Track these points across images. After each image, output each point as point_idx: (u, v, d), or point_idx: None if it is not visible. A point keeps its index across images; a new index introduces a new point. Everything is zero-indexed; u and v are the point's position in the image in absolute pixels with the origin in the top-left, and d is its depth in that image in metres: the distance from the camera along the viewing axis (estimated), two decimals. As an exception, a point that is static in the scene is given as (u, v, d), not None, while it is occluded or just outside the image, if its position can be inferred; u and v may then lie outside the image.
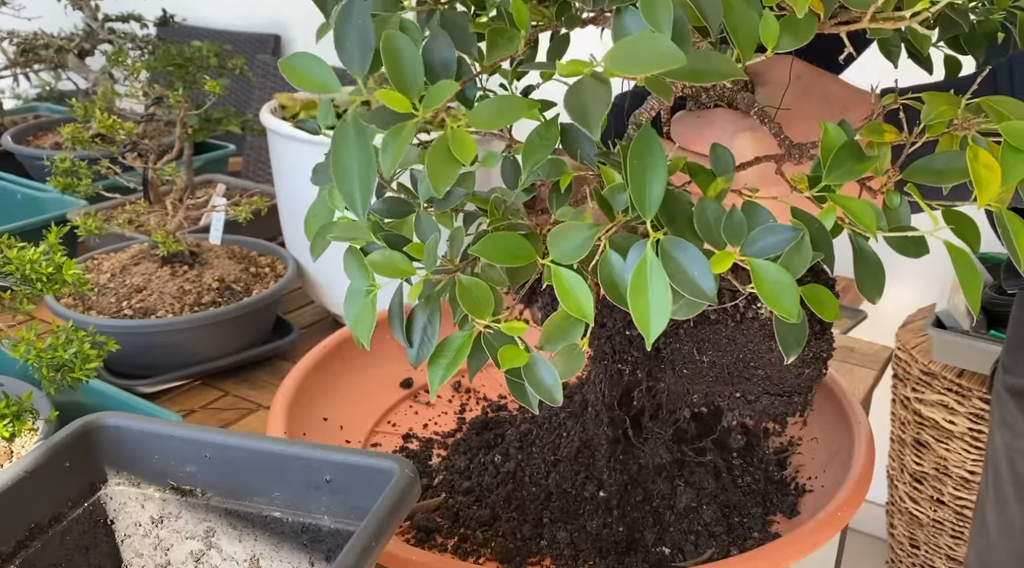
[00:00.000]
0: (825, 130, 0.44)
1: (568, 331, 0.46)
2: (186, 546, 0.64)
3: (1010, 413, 0.97)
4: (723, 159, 0.48)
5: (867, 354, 1.16)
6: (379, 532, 0.52)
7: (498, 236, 0.45)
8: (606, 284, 0.43)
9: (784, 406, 0.70)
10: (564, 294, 0.43)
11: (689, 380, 0.70)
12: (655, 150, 0.41)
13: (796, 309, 0.40)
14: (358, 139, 0.41)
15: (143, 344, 1.04)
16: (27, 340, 0.75)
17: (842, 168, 0.43)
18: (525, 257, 0.44)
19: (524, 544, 0.73)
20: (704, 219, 0.42)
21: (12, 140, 1.72)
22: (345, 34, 0.42)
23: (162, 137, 1.62)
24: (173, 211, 1.14)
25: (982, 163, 0.41)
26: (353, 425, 0.90)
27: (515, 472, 0.79)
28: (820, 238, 0.44)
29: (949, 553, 1.94)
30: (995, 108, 0.43)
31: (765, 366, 0.68)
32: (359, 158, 0.41)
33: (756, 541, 0.74)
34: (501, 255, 0.44)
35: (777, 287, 0.40)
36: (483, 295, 0.46)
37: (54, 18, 1.90)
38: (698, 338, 0.68)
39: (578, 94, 0.38)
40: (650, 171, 0.41)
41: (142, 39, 1.74)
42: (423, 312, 0.50)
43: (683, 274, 0.40)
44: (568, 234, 0.43)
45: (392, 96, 0.40)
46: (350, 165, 0.41)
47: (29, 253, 0.75)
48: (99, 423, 0.64)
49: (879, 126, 0.46)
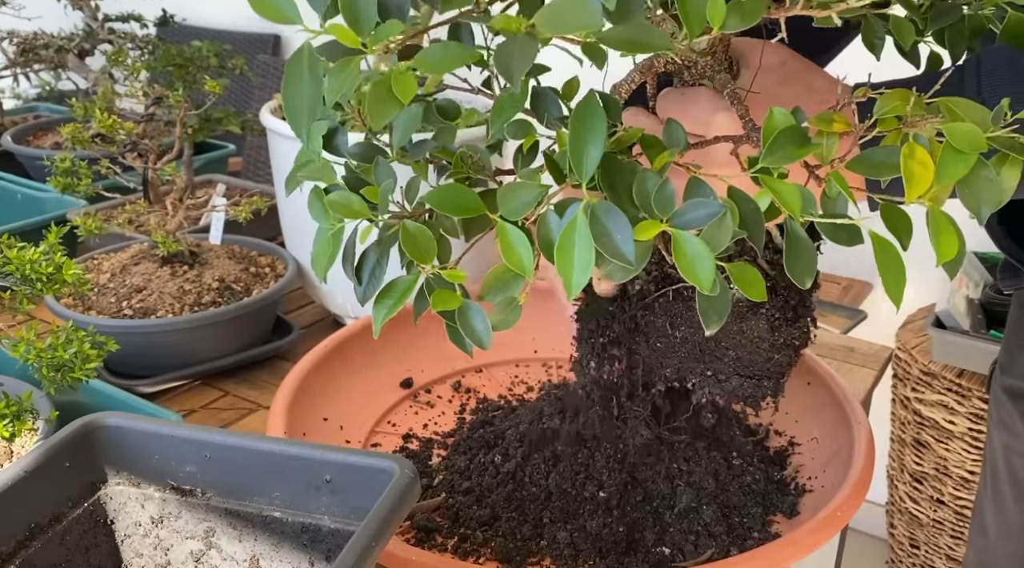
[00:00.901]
0: (770, 113, 0.45)
1: (507, 284, 0.48)
2: (186, 546, 0.64)
3: (1007, 414, 0.97)
4: (676, 134, 0.50)
5: (867, 354, 1.16)
6: (379, 532, 0.52)
7: (449, 187, 0.47)
8: (542, 242, 0.45)
9: (753, 389, 0.71)
10: (507, 249, 0.44)
11: (662, 354, 0.71)
12: (596, 116, 0.42)
13: (711, 281, 0.42)
14: (310, 71, 0.42)
15: (143, 344, 1.04)
16: (27, 340, 0.75)
17: (781, 151, 0.45)
18: (474, 210, 0.46)
19: (524, 544, 0.73)
20: (643, 189, 0.44)
21: (12, 140, 1.72)
22: None
23: (162, 137, 1.62)
24: (173, 211, 1.14)
25: (916, 160, 0.42)
26: (353, 425, 0.90)
27: (515, 472, 0.79)
28: (751, 218, 0.45)
29: (949, 553, 1.94)
30: (951, 108, 0.44)
31: (736, 347, 0.69)
32: (309, 90, 0.42)
33: (756, 541, 0.74)
34: (450, 206, 0.46)
35: (694, 259, 0.42)
36: (426, 242, 0.48)
37: (54, 18, 1.90)
38: (672, 313, 0.69)
39: (507, 48, 0.40)
40: (589, 135, 0.42)
41: (142, 39, 1.74)
42: (373, 253, 0.52)
43: (607, 237, 0.42)
44: (517, 192, 0.45)
45: (342, 31, 0.41)
46: (300, 95, 0.42)
47: (29, 253, 0.75)
48: (99, 423, 0.64)
49: (829, 116, 0.47)
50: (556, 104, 0.52)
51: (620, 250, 0.42)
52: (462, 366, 1.02)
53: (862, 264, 2.13)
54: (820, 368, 0.91)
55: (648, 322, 0.70)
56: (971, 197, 0.43)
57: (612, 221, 0.42)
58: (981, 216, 0.43)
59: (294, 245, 1.22)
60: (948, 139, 0.42)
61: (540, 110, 0.52)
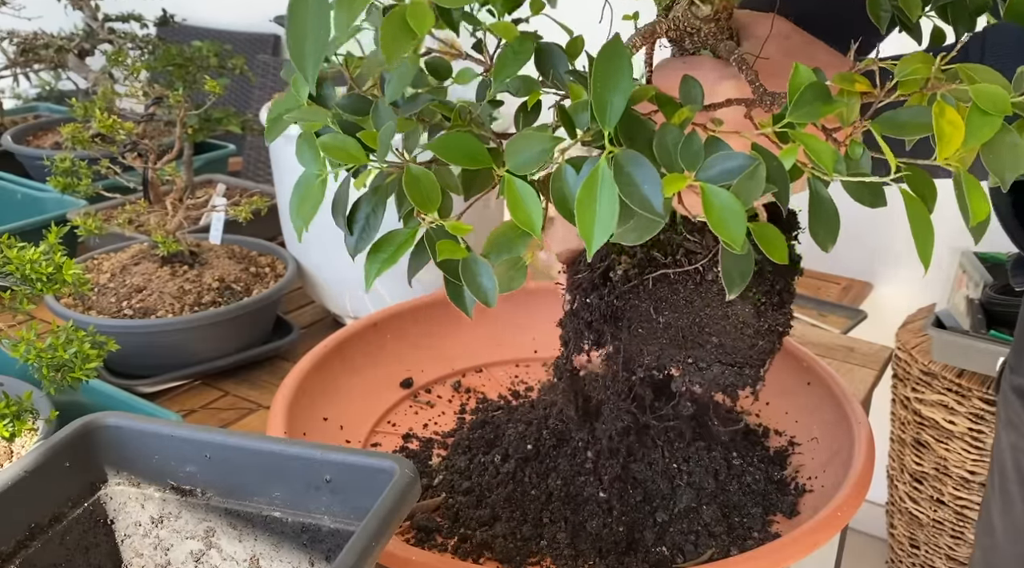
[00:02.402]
0: (796, 69, 0.44)
1: (513, 242, 0.45)
2: (186, 546, 0.64)
3: (1016, 414, 0.97)
4: (693, 91, 0.48)
5: (867, 354, 1.16)
6: (379, 532, 0.52)
7: (455, 135, 0.44)
8: (557, 198, 0.42)
9: (734, 377, 0.70)
10: (514, 205, 0.42)
11: (643, 340, 0.70)
12: (623, 60, 0.40)
13: (742, 237, 0.40)
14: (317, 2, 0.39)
15: (143, 344, 1.04)
16: (27, 340, 0.75)
17: (807, 107, 0.43)
18: (481, 161, 0.43)
19: (524, 544, 0.73)
20: (663, 142, 0.42)
21: (12, 140, 1.72)
22: None
23: (162, 137, 1.62)
24: (173, 211, 1.14)
25: (947, 119, 0.41)
26: (353, 425, 0.90)
27: (515, 472, 0.79)
28: (777, 175, 0.44)
29: (949, 553, 1.94)
30: (969, 74, 0.43)
31: (719, 333, 0.68)
32: (316, 22, 0.39)
33: (756, 541, 0.74)
34: (457, 154, 0.43)
35: (726, 213, 0.40)
36: (431, 188, 0.44)
37: (54, 18, 1.90)
38: (656, 296, 0.68)
39: None
40: (613, 83, 0.40)
41: (142, 39, 1.74)
42: (368, 202, 0.49)
43: (634, 187, 0.39)
44: (526, 143, 0.42)
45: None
46: (306, 27, 0.39)
47: (29, 253, 0.75)
48: (99, 423, 0.64)
49: (851, 76, 0.46)
50: (563, 59, 0.49)
51: (649, 201, 0.39)
52: (462, 366, 1.02)
53: (862, 264, 2.13)
54: (820, 368, 0.91)
55: (632, 306, 0.69)
56: (995, 161, 0.42)
57: (638, 171, 0.40)
58: (1005, 181, 0.42)
59: (294, 245, 1.22)
60: (975, 100, 0.41)
61: (546, 66, 0.49)
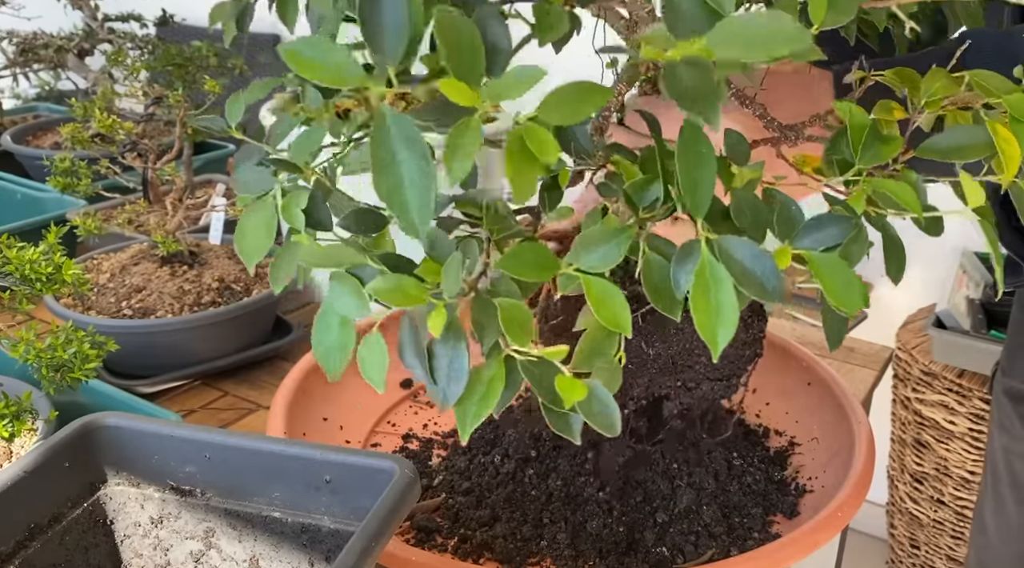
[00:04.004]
0: (849, 112, 0.43)
1: (604, 344, 0.42)
2: (186, 546, 0.64)
3: (1007, 416, 0.97)
4: (740, 146, 0.44)
5: (867, 354, 1.16)
6: (379, 532, 0.52)
7: (524, 247, 0.40)
8: (653, 292, 0.39)
9: (723, 390, 0.71)
10: (599, 305, 0.39)
11: (633, 374, 0.69)
12: (704, 145, 0.38)
13: (861, 303, 0.38)
14: (406, 143, 0.34)
15: (143, 344, 1.04)
16: (26, 340, 0.75)
17: (872, 150, 0.42)
18: (551, 268, 0.40)
19: (524, 544, 0.73)
20: (741, 212, 0.39)
21: (12, 140, 1.72)
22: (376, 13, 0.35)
23: (162, 137, 1.62)
24: (173, 211, 1.14)
25: (1001, 137, 0.40)
26: (353, 425, 0.90)
27: (515, 472, 0.79)
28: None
29: (949, 554, 1.94)
30: (981, 83, 0.42)
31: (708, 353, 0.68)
32: (414, 167, 0.33)
33: (756, 541, 0.74)
34: (527, 268, 0.39)
35: (842, 281, 0.38)
36: (521, 316, 0.40)
37: (54, 18, 1.89)
38: (646, 331, 0.67)
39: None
40: (699, 168, 0.37)
41: (142, 39, 1.74)
42: (446, 343, 0.42)
43: (748, 275, 0.37)
44: (595, 241, 0.39)
45: (454, 86, 0.33)
46: (400, 176, 0.34)
47: (29, 253, 0.75)
48: (99, 423, 0.63)
49: (888, 104, 0.45)
50: (584, 134, 0.46)
51: (766, 287, 0.37)
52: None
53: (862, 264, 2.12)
54: (820, 368, 0.91)
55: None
56: None
57: (746, 255, 0.37)
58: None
59: (294, 245, 1.22)
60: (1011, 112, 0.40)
61: (565, 141, 0.45)
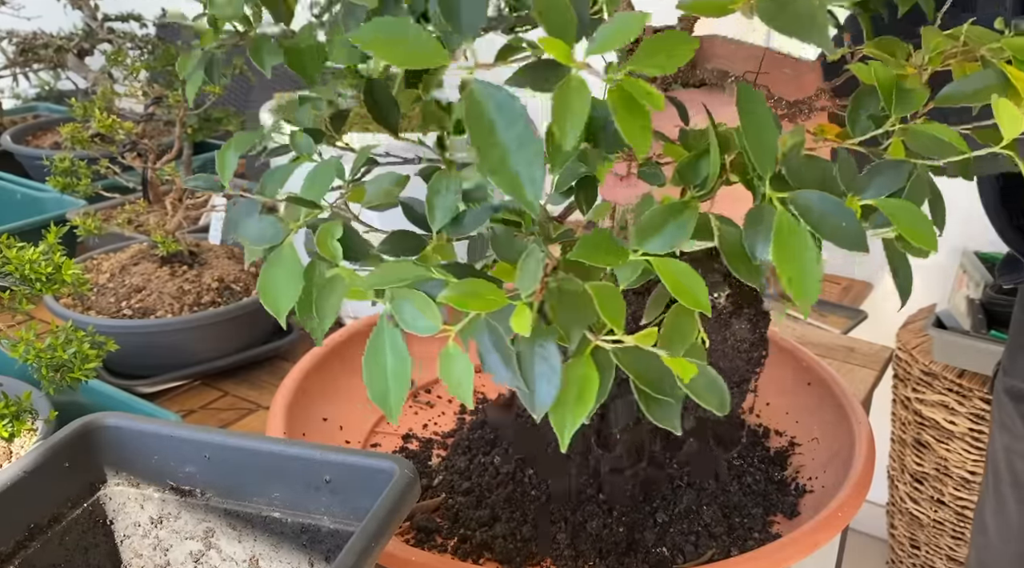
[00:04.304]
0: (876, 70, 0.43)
1: (685, 328, 0.42)
2: (185, 546, 0.64)
3: (1008, 416, 0.97)
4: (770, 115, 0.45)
5: (867, 354, 1.16)
6: (379, 532, 0.52)
7: (593, 235, 0.39)
8: (732, 257, 0.39)
9: (738, 397, 0.70)
10: (677, 287, 0.38)
11: None
12: (763, 107, 0.38)
13: (935, 240, 0.39)
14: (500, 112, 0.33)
15: (143, 344, 1.04)
16: (26, 340, 0.75)
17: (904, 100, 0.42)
18: (622, 256, 0.39)
19: (524, 544, 0.73)
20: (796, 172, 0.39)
21: (12, 140, 1.72)
22: None
23: (162, 137, 1.62)
24: (172, 211, 1.14)
25: (1015, 76, 0.41)
26: (353, 425, 0.90)
27: (515, 473, 0.78)
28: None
29: (950, 554, 1.94)
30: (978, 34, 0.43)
31: (721, 357, 0.67)
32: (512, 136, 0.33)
33: (756, 541, 0.74)
34: (601, 256, 0.38)
35: (917, 221, 0.39)
36: (615, 298, 0.38)
37: (53, 18, 1.89)
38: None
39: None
40: (763, 130, 0.38)
41: (141, 39, 1.74)
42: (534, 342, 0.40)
43: (830, 223, 0.37)
44: (657, 222, 0.39)
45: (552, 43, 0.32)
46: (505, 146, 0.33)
47: (28, 253, 0.74)
48: (99, 423, 0.63)
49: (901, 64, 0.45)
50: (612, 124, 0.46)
51: (851, 233, 0.37)
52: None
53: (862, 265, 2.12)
54: (820, 368, 0.91)
55: None
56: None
57: (827, 206, 0.37)
58: None
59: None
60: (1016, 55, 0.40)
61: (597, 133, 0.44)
